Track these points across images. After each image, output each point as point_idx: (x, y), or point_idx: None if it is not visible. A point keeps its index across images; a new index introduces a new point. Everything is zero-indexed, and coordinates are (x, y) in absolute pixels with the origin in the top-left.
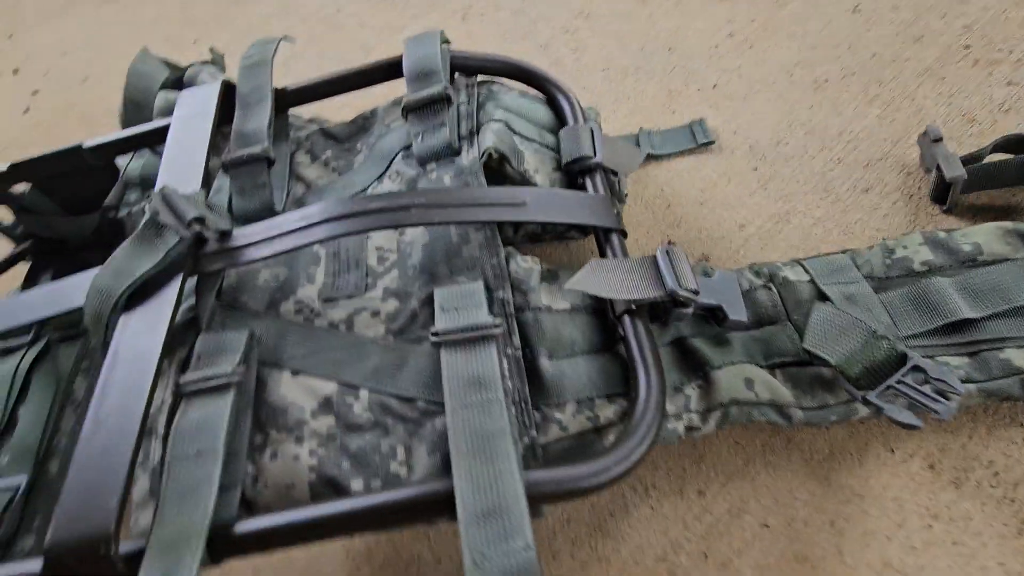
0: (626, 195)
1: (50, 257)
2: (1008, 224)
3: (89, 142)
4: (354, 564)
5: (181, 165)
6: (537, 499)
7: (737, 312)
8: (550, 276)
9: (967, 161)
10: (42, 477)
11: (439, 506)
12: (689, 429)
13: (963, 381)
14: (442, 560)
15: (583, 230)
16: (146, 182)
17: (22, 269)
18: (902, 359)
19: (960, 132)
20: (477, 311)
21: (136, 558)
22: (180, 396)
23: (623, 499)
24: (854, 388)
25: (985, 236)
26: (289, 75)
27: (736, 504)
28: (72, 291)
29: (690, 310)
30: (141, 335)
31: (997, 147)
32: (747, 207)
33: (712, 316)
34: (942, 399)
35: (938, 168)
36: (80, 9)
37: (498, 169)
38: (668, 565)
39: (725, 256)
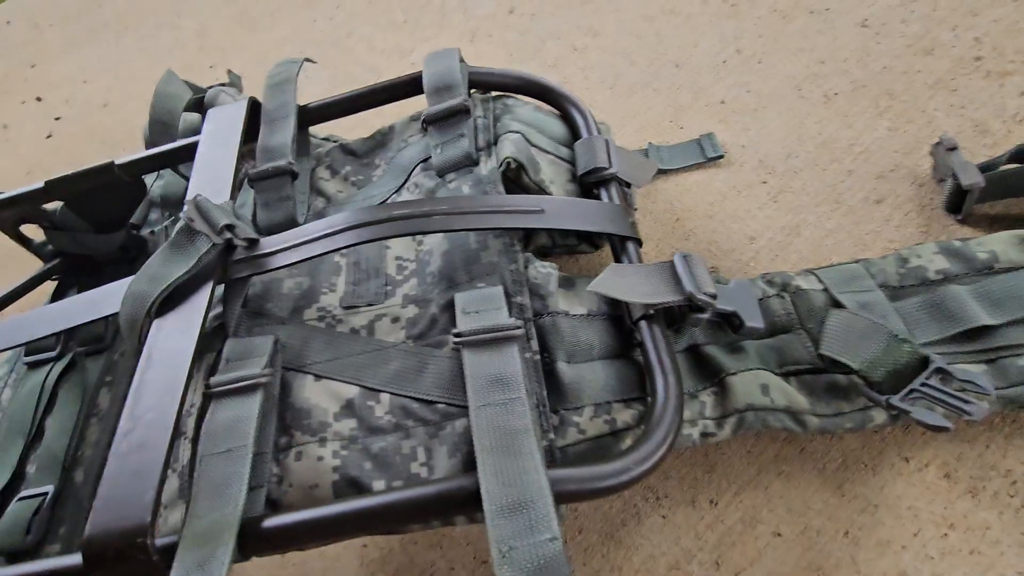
0: (636, 208)
1: (77, 275)
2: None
3: (121, 159)
4: (368, 571)
5: (210, 178)
6: (560, 497)
7: (753, 319)
8: (567, 283)
9: (983, 170)
10: (68, 486)
11: (463, 502)
12: (704, 435)
13: None
14: (455, 568)
15: (594, 243)
16: (167, 202)
17: (46, 289)
18: (924, 362)
19: (973, 143)
20: (498, 313)
21: (170, 551)
22: (209, 398)
23: (635, 508)
24: (875, 393)
25: (1001, 244)
26: (304, 96)
27: (749, 513)
28: (106, 299)
29: (707, 315)
30: (174, 338)
31: (1013, 156)
32: (757, 220)
33: (728, 322)
34: (974, 401)
35: (954, 176)
36: (101, 38)
37: (515, 179)
38: (680, 574)
39: (735, 269)
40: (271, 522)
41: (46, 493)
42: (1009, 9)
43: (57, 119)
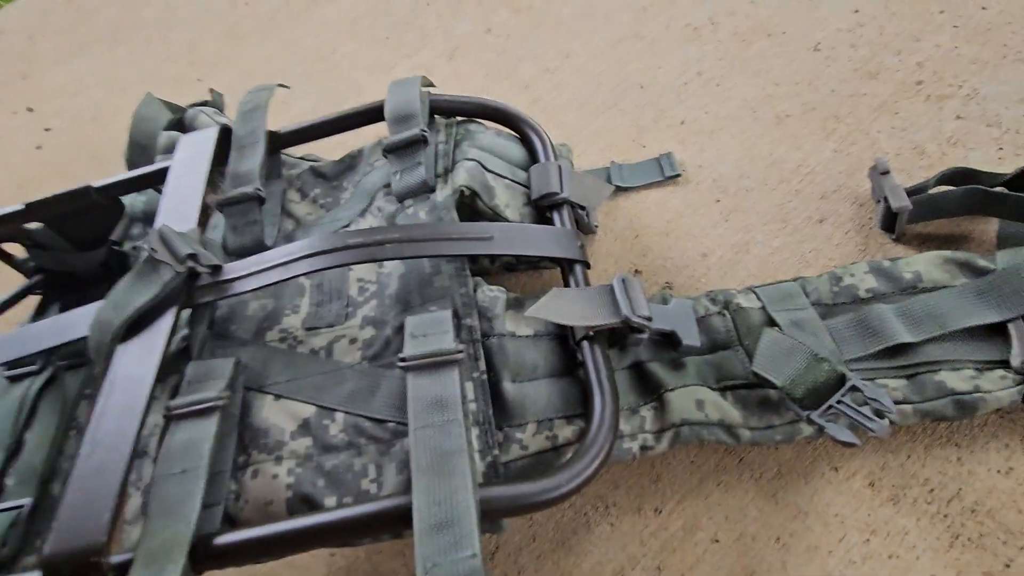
0: (596, 227)
1: (59, 290)
2: (947, 253)
3: (97, 183)
4: None
5: (179, 204)
6: (495, 513)
7: (690, 338)
8: (516, 304)
9: (912, 192)
10: (46, 499)
11: (400, 519)
12: (644, 448)
13: (900, 402)
14: None
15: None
16: (149, 217)
17: (31, 301)
18: (841, 380)
19: (911, 164)
20: (443, 337)
21: (125, 568)
22: (169, 420)
23: (585, 517)
24: (799, 408)
25: (926, 264)
26: (289, 113)
27: (690, 521)
28: (78, 322)
29: (645, 335)
30: (136, 363)
31: (941, 179)
32: (710, 237)
33: (668, 340)
34: (877, 418)
35: (885, 199)
36: (93, 50)
37: (471, 205)
38: None
39: (688, 284)
40: (222, 539)
41: (23, 505)
42: (949, 36)
43: (47, 131)
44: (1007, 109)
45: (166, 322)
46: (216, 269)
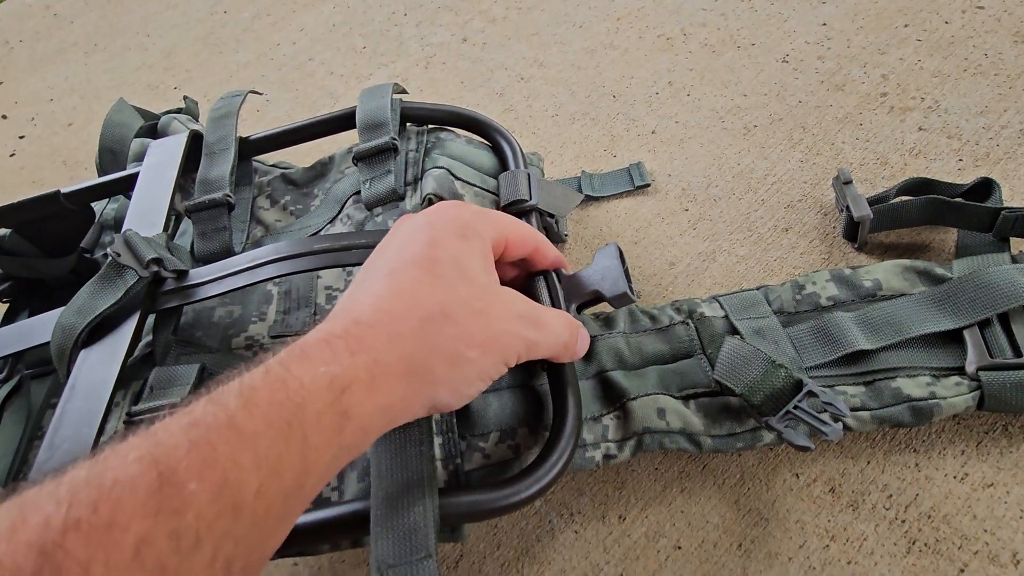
0: (566, 235)
1: (27, 297)
2: (907, 261)
3: (66, 188)
4: None
5: (146, 210)
6: (455, 519)
7: (614, 288)
8: None
9: (874, 202)
10: None
11: (359, 524)
12: (607, 457)
13: (859, 409)
14: None
15: None
16: (119, 224)
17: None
18: (798, 385)
19: (874, 175)
20: None
21: None
22: (130, 425)
23: (550, 524)
24: (757, 414)
25: (885, 273)
26: (263, 120)
27: (653, 528)
28: (41, 328)
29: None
30: (97, 368)
31: (901, 190)
32: (677, 246)
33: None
34: (831, 423)
35: (848, 208)
36: (69, 56)
37: None
38: None
39: (656, 293)
40: None
41: None
42: (912, 49)
43: (21, 138)
44: (967, 121)
45: (129, 327)
46: (182, 274)
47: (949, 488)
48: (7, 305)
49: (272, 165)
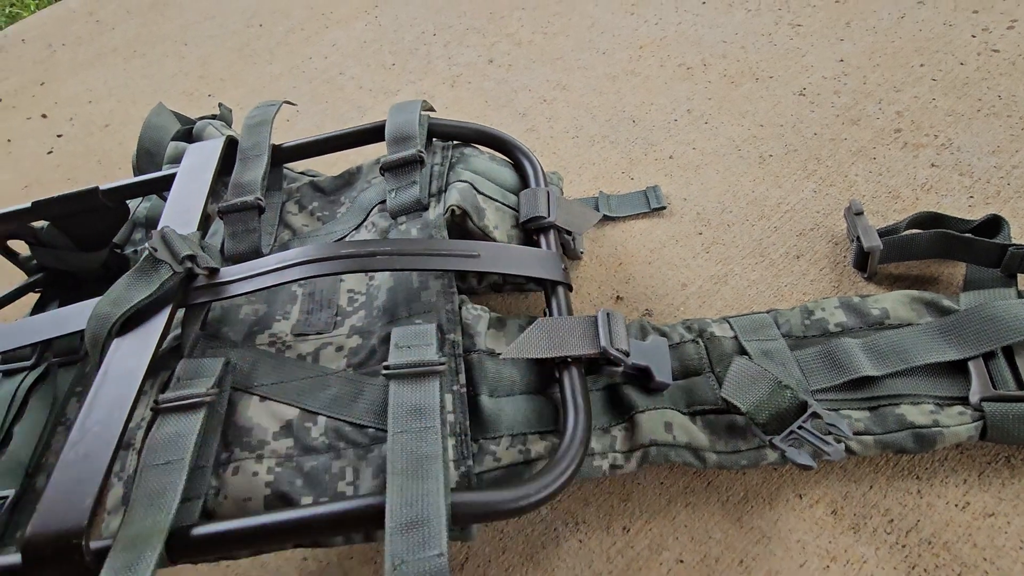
0: (582, 252)
1: (58, 289)
2: (915, 292)
3: (105, 185)
4: None
5: (182, 209)
6: (466, 518)
7: (664, 375)
8: (498, 324)
9: (884, 234)
10: (29, 492)
11: (372, 518)
12: (613, 467)
13: (862, 433)
14: None
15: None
16: (151, 223)
17: (28, 301)
18: (803, 407)
19: (886, 208)
20: (427, 349)
21: (103, 554)
22: (157, 413)
23: (555, 532)
24: (762, 432)
25: (893, 302)
26: (293, 130)
27: (656, 540)
28: (76, 316)
29: (620, 368)
30: (129, 356)
31: (912, 223)
32: (690, 268)
33: (640, 375)
34: (834, 443)
35: (859, 239)
36: (108, 61)
37: (461, 224)
38: None
39: (667, 312)
40: (199, 530)
41: (6, 497)
42: (927, 88)
43: (59, 136)
44: (979, 160)
45: (161, 319)
46: (213, 272)
47: (950, 516)
48: (38, 296)
49: (300, 173)
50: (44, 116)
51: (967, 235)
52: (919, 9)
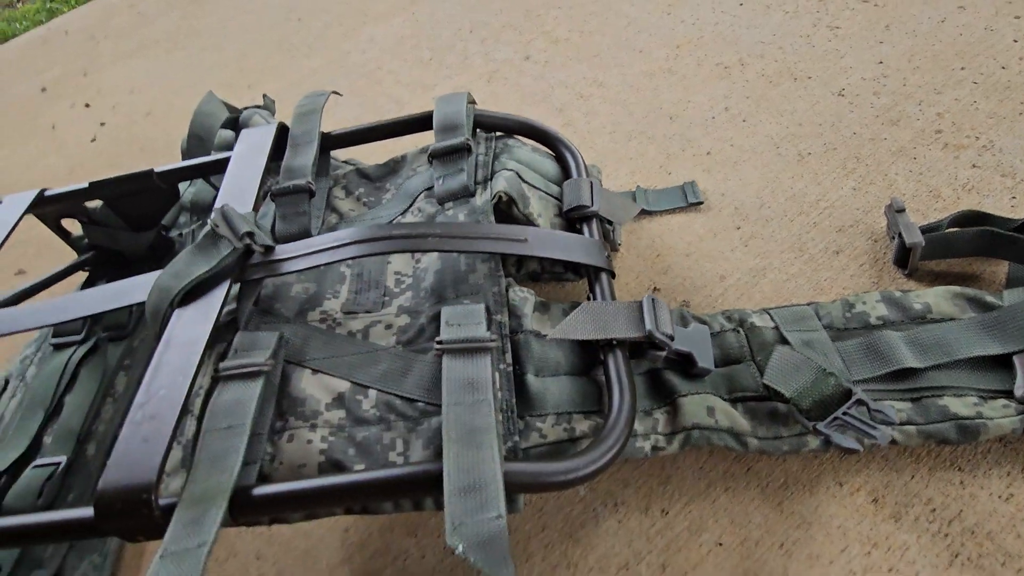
0: (620, 244)
1: (106, 268)
2: (957, 288)
3: (160, 167)
4: (347, 553)
5: (237, 190)
6: (515, 487)
7: (706, 361)
8: (543, 307)
9: (926, 231)
10: (80, 458)
11: (428, 484)
12: (655, 448)
13: (904, 424)
14: (426, 555)
15: (577, 271)
16: (196, 207)
17: (75, 280)
18: (847, 394)
19: (926, 207)
20: (477, 327)
21: (170, 510)
22: (217, 380)
23: (594, 512)
24: (805, 419)
25: (935, 297)
26: (330, 121)
27: (696, 523)
28: (134, 289)
29: (664, 353)
30: (191, 326)
31: (954, 221)
32: (729, 261)
33: (683, 361)
34: (879, 427)
35: (900, 235)
36: (151, 53)
37: (507, 211)
38: (629, 574)
39: (705, 303)
40: (260, 491)
41: (59, 463)
42: (968, 90)
43: (102, 124)
44: (1021, 162)
45: (220, 292)
46: (268, 249)
47: (994, 507)
48: (86, 276)
49: (344, 161)
50: (87, 105)
51: (1011, 233)
52: (960, 14)
